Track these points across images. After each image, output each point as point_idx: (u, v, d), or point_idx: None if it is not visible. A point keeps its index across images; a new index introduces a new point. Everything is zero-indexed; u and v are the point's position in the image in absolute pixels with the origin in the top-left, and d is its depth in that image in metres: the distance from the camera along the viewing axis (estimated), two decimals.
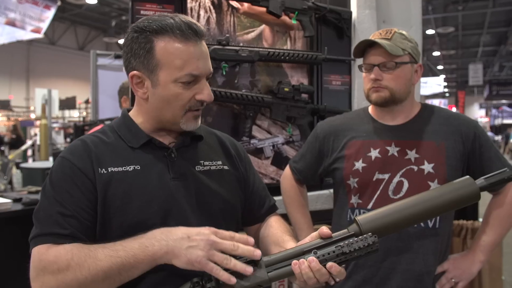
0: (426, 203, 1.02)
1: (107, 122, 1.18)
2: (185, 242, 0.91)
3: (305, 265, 0.92)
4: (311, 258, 0.92)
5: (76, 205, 0.99)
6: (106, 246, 0.94)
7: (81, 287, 0.92)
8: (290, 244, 1.07)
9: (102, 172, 1.03)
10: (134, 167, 1.05)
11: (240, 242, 0.93)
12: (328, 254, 0.93)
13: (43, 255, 0.94)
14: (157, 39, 1.02)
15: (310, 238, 0.98)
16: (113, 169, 1.04)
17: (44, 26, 8.50)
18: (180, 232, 0.93)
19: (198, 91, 1.05)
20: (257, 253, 0.92)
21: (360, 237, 0.94)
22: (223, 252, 0.91)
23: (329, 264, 0.92)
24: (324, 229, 0.97)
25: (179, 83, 1.03)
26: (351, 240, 0.94)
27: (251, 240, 0.95)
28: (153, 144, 1.10)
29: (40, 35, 8.78)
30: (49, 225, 0.97)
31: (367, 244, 0.93)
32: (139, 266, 0.92)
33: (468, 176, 1.05)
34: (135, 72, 1.05)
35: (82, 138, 1.10)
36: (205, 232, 0.93)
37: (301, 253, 0.95)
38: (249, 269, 0.90)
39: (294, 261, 0.93)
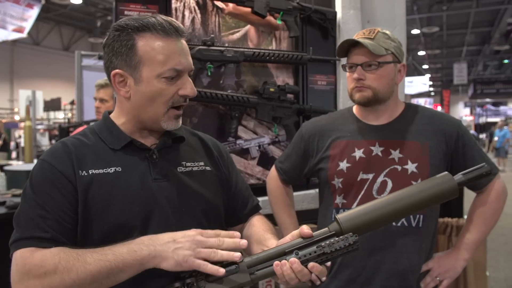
0: (405, 200, 1.02)
1: (93, 124, 1.21)
2: (171, 245, 0.93)
3: (287, 267, 0.93)
4: (293, 259, 0.93)
5: (57, 208, 0.98)
6: (95, 250, 0.94)
7: None
8: (271, 243, 1.08)
9: (83, 174, 1.03)
10: (115, 169, 1.05)
11: (226, 237, 0.96)
12: (310, 254, 0.94)
13: (28, 258, 0.93)
14: (139, 36, 1.03)
15: (291, 237, 0.99)
16: (94, 171, 1.03)
17: (27, 25, 8.32)
18: (166, 236, 0.96)
19: (181, 87, 1.06)
20: (243, 242, 0.95)
21: (341, 237, 0.95)
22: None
23: (311, 264, 0.93)
24: (305, 229, 0.97)
25: (163, 78, 1.03)
26: (332, 240, 0.95)
27: (237, 234, 0.98)
28: (134, 145, 1.10)
29: (23, 35, 8.59)
30: (30, 228, 0.97)
31: (348, 244, 0.94)
32: (128, 270, 0.93)
33: (446, 172, 1.06)
34: (117, 70, 1.05)
35: (63, 141, 1.10)
36: (191, 234, 0.95)
37: (282, 254, 0.96)
38: (237, 255, 0.93)
39: (276, 262, 0.94)
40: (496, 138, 15.46)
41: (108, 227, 1.00)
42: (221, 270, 0.91)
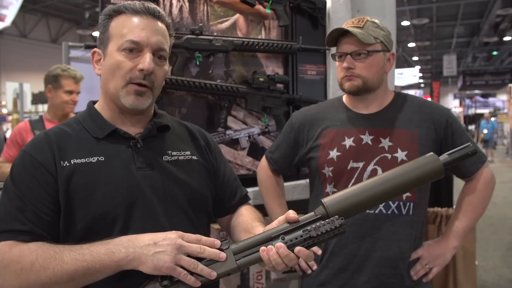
0: (391, 181, 1.01)
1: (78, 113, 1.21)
2: (151, 248, 0.92)
3: (273, 252, 0.92)
4: (279, 244, 0.92)
5: (35, 200, 0.98)
6: (72, 249, 0.93)
7: (44, 287, 0.92)
8: (259, 230, 1.07)
9: (64, 164, 1.02)
10: (98, 158, 1.04)
11: (207, 244, 0.95)
12: (296, 239, 0.94)
13: (6, 253, 0.93)
14: (115, 17, 1.08)
15: (278, 223, 0.98)
16: (76, 161, 1.02)
17: (9, 13, 7.86)
18: (146, 238, 0.94)
19: (140, 62, 1.05)
20: (222, 255, 0.94)
21: (327, 220, 0.94)
22: (189, 255, 0.93)
23: (297, 248, 0.92)
24: (291, 214, 0.97)
25: (122, 51, 1.05)
26: (318, 224, 0.94)
27: (217, 242, 0.96)
28: (118, 134, 1.09)
29: (5, 24, 8.15)
30: (8, 221, 0.96)
31: (334, 227, 0.93)
32: (104, 271, 0.93)
33: (432, 153, 1.05)
34: (95, 49, 1.10)
35: (45, 131, 1.09)
36: (172, 237, 0.94)
37: (268, 239, 0.95)
38: (213, 274, 0.92)
39: (262, 248, 0.93)
40: (485, 131, 15.52)
41: (91, 217, 0.99)
42: (198, 283, 0.91)
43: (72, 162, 1.02)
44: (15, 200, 0.98)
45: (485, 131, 15.42)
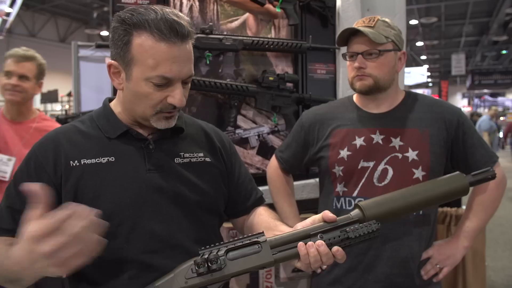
0: (424, 193, 1.08)
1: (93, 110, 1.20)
2: (38, 267, 0.79)
3: (314, 248, 0.92)
4: (320, 242, 0.93)
5: (27, 200, 0.98)
6: (8, 245, 0.92)
7: None
8: (283, 228, 1.07)
9: (74, 164, 1.02)
10: (108, 159, 1.04)
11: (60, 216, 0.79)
12: (334, 238, 0.94)
13: None
14: (136, 33, 0.97)
15: (312, 221, 0.98)
16: (85, 161, 1.03)
17: (7, 8, 7.61)
18: (21, 262, 0.81)
19: (170, 94, 1.00)
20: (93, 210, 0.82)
21: (365, 223, 0.96)
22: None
23: (335, 248, 0.93)
24: (329, 214, 0.97)
25: (151, 82, 0.98)
26: (356, 226, 0.96)
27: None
28: (131, 135, 1.08)
29: (6, 18, 7.84)
30: None
31: (371, 230, 0.95)
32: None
33: (458, 172, 1.12)
34: (112, 62, 1.03)
35: (57, 129, 1.10)
36: (38, 251, 0.77)
37: (307, 236, 0.95)
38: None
39: (301, 243, 0.93)
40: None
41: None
42: (102, 241, 0.82)
43: (82, 162, 1.02)
44: (9, 198, 1.02)
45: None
